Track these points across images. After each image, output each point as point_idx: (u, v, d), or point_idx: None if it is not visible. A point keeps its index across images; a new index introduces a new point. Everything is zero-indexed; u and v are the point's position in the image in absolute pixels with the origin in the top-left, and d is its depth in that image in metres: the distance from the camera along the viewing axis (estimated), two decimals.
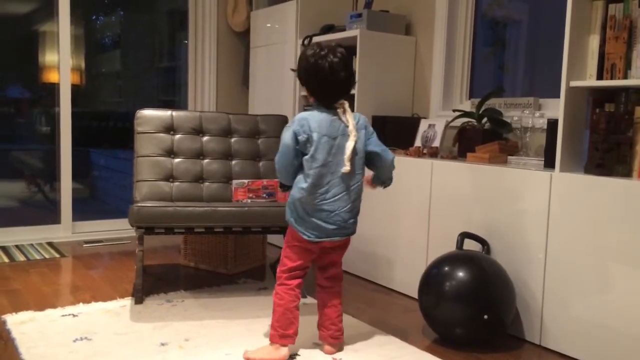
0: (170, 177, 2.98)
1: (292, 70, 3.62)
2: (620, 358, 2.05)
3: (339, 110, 2.08)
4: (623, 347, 2.04)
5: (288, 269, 2.12)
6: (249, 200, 2.81)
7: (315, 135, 2.03)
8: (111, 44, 4.65)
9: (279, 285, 2.12)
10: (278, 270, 2.15)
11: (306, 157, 2.04)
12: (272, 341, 2.10)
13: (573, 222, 2.19)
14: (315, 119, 2.05)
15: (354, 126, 2.05)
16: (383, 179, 2.19)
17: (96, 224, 4.15)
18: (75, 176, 4.04)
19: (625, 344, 2.04)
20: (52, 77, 4.04)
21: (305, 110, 2.27)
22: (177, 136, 3.07)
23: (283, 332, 2.09)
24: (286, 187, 2.16)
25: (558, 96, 2.28)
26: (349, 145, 2.03)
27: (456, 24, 3.40)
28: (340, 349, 2.22)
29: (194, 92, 4.41)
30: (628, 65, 2.15)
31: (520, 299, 2.37)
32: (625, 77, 2.15)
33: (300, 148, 2.05)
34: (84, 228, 4.09)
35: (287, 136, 2.05)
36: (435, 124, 3.14)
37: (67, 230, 4.00)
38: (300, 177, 2.07)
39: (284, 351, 2.09)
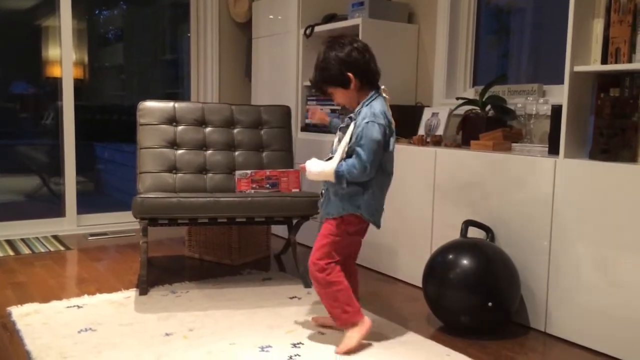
0: (173, 168, 2.98)
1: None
2: (626, 345, 2.04)
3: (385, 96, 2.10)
4: (628, 333, 2.03)
5: None
6: (252, 191, 2.80)
7: (392, 127, 2.07)
8: (114, 37, 4.65)
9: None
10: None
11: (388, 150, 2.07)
12: (352, 321, 2.08)
13: (578, 208, 2.17)
14: (385, 109, 2.05)
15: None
16: None
17: (101, 216, 4.16)
18: (80, 170, 4.05)
19: (631, 330, 2.02)
20: (55, 71, 4.04)
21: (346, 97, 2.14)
22: (180, 127, 3.07)
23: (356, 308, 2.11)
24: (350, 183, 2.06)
25: (562, 82, 2.26)
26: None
27: (459, 12, 3.37)
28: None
29: (196, 83, 4.39)
30: (633, 49, 2.12)
31: (525, 286, 2.36)
32: (630, 61, 2.12)
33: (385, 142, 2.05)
34: (89, 221, 4.10)
35: (376, 131, 1.99)
36: (439, 112, 3.12)
37: (72, 223, 4.01)
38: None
39: (367, 320, 2.10)
